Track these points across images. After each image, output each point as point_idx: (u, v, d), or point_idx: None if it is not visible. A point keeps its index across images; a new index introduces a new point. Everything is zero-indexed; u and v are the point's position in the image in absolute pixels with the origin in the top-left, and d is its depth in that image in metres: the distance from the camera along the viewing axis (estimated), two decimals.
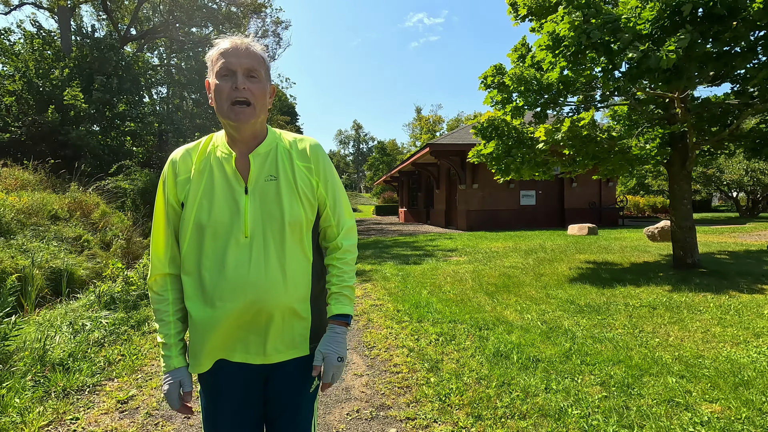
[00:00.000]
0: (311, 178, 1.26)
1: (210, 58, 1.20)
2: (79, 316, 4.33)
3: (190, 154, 1.24)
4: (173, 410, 1.26)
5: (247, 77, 1.16)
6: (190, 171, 1.22)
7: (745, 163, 21.35)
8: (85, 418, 2.69)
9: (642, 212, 28.39)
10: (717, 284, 5.72)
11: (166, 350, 1.23)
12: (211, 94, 1.20)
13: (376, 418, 2.62)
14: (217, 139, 1.26)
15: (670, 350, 3.51)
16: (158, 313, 1.24)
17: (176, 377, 1.22)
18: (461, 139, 17.00)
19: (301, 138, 1.32)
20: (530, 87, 6.49)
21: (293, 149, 1.28)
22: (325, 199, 1.28)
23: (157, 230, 1.25)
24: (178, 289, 1.25)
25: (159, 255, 1.24)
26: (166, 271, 1.24)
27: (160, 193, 1.25)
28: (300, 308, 1.22)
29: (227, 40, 1.19)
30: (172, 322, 1.24)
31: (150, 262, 1.27)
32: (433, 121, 60.56)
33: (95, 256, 7.07)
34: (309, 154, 1.28)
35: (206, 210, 1.16)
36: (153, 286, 1.25)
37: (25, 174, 9.43)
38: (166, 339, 1.23)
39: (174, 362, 1.22)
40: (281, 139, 1.29)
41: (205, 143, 1.26)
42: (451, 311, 4.85)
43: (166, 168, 1.25)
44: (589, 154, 6.97)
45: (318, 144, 1.31)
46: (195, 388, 1.29)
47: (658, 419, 2.46)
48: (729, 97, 6.71)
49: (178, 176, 1.22)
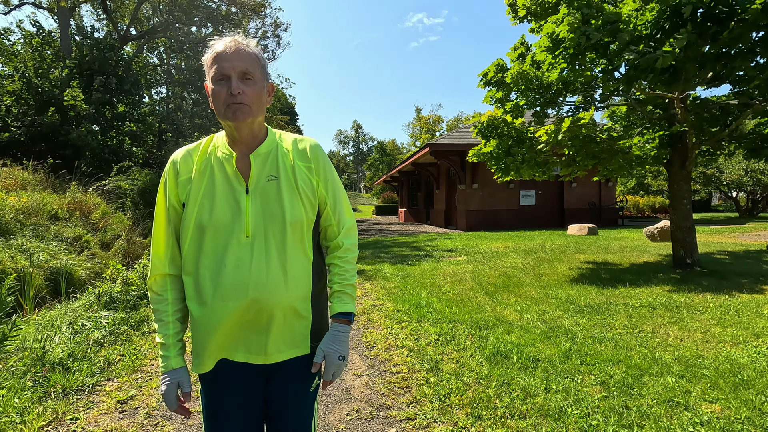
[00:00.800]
0: (311, 178, 1.26)
1: (206, 62, 1.20)
2: (79, 316, 4.32)
3: (191, 155, 1.25)
4: (171, 411, 1.26)
5: (241, 80, 1.16)
6: (191, 171, 1.22)
7: (744, 163, 21.37)
8: (85, 418, 2.69)
9: (642, 212, 28.41)
10: (717, 284, 5.72)
11: (164, 350, 1.23)
12: (210, 97, 1.21)
13: (376, 418, 2.62)
14: (218, 139, 1.27)
15: (669, 350, 3.51)
16: (157, 313, 1.24)
17: (174, 378, 1.22)
18: (461, 139, 17.01)
19: (301, 138, 1.32)
20: (530, 85, 6.49)
21: (293, 149, 1.28)
22: (326, 198, 1.29)
23: (157, 230, 1.25)
24: (177, 290, 1.25)
25: (159, 255, 1.25)
26: (166, 271, 1.24)
27: (161, 193, 1.26)
28: (301, 307, 1.22)
29: (220, 42, 1.18)
30: (171, 323, 1.24)
31: (150, 262, 1.27)
32: (432, 121, 60.58)
33: (95, 256, 7.07)
34: (309, 154, 1.28)
35: (207, 210, 1.17)
36: (153, 286, 1.25)
37: (24, 174, 9.43)
38: (165, 339, 1.23)
39: (172, 363, 1.22)
40: (281, 139, 1.30)
41: (206, 144, 1.27)
42: (451, 311, 4.85)
43: (167, 168, 1.25)
44: (589, 154, 6.98)
45: (318, 144, 1.32)
46: (194, 388, 1.29)
47: (658, 419, 2.46)
48: (729, 97, 6.72)
49: (179, 176, 1.22)
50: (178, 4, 19.91)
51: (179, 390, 1.23)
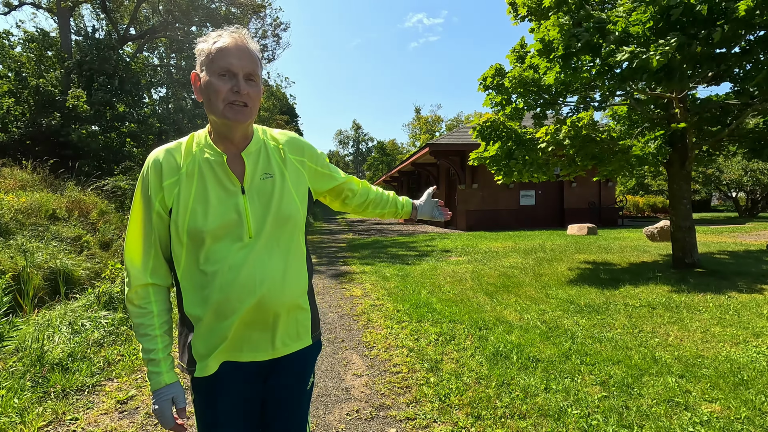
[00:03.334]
0: (303, 171, 1.29)
1: (204, 52, 1.14)
2: (79, 317, 4.32)
3: (174, 156, 1.17)
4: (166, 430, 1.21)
5: (247, 81, 1.14)
6: (177, 173, 1.15)
7: (744, 163, 21.38)
8: (85, 418, 2.69)
9: (641, 212, 28.41)
10: (716, 284, 5.72)
11: (153, 366, 1.16)
12: (201, 89, 1.15)
13: (376, 418, 2.62)
14: (201, 138, 1.20)
15: (669, 350, 3.51)
16: (142, 328, 1.16)
17: (168, 394, 1.16)
18: (460, 139, 17.01)
19: (283, 132, 1.34)
20: (529, 88, 6.50)
21: (285, 144, 1.29)
22: (330, 173, 1.41)
23: (133, 238, 1.17)
24: (162, 300, 1.19)
25: (136, 265, 1.16)
26: (148, 281, 1.16)
27: (139, 198, 1.16)
28: (302, 301, 1.25)
29: (227, 35, 1.14)
30: (159, 336, 1.17)
31: (126, 273, 1.17)
32: (432, 121, 60.54)
33: (95, 256, 7.06)
34: (301, 147, 1.32)
35: (201, 216, 1.11)
36: (133, 299, 1.16)
37: (24, 174, 9.42)
38: (154, 355, 1.15)
39: (165, 378, 1.16)
40: (265, 134, 1.28)
41: (188, 143, 1.20)
42: (451, 311, 4.85)
43: (147, 171, 1.16)
44: (589, 154, 6.98)
45: (298, 135, 1.37)
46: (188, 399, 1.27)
47: (658, 419, 2.46)
48: (729, 96, 6.72)
49: (164, 180, 1.14)
50: (177, 5, 19.89)
51: (174, 406, 1.18)
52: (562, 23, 5.29)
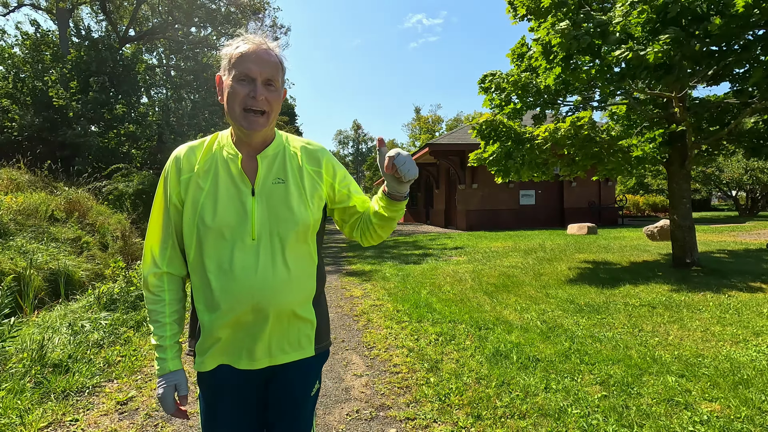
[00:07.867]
0: (321, 182, 1.26)
1: (227, 56, 1.17)
2: (79, 318, 4.32)
3: (195, 152, 1.22)
4: (168, 414, 1.24)
5: (265, 86, 1.15)
6: (194, 170, 1.19)
7: (744, 162, 21.38)
8: (85, 419, 2.69)
9: (641, 211, 28.42)
10: (716, 283, 5.72)
11: (160, 352, 1.20)
12: (224, 92, 1.18)
13: (376, 419, 2.61)
14: (223, 138, 1.24)
15: (669, 349, 3.51)
16: (153, 314, 1.21)
17: (171, 381, 1.20)
18: (460, 139, 17.01)
19: (309, 142, 1.33)
20: (528, 89, 6.51)
21: (303, 153, 1.28)
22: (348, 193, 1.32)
23: (154, 227, 1.22)
24: (175, 290, 1.23)
25: (155, 252, 1.21)
26: (164, 269, 1.21)
27: (160, 190, 1.23)
28: (305, 310, 1.22)
29: (249, 41, 1.17)
30: (168, 324, 1.21)
31: (144, 260, 1.24)
32: (432, 121, 60.52)
33: (94, 257, 7.06)
34: (318, 158, 1.29)
35: (210, 212, 1.14)
36: (149, 285, 1.21)
37: (21, 175, 9.41)
38: (161, 341, 1.20)
39: (169, 365, 1.20)
40: (288, 142, 1.29)
41: (210, 142, 1.24)
42: (451, 311, 4.85)
43: (169, 164, 1.22)
44: (588, 154, 6.98)
45: (324, 148, 1.34)
46: (194, 389, 1.28)
47: (658, 418, 2.46)
48: (728, 96, 6.72)
49: (182, 174, 1.19)
50: (177, 5, 19.90)
51: (176, 393, 1.22)
52: (562, 28, 5.29)
